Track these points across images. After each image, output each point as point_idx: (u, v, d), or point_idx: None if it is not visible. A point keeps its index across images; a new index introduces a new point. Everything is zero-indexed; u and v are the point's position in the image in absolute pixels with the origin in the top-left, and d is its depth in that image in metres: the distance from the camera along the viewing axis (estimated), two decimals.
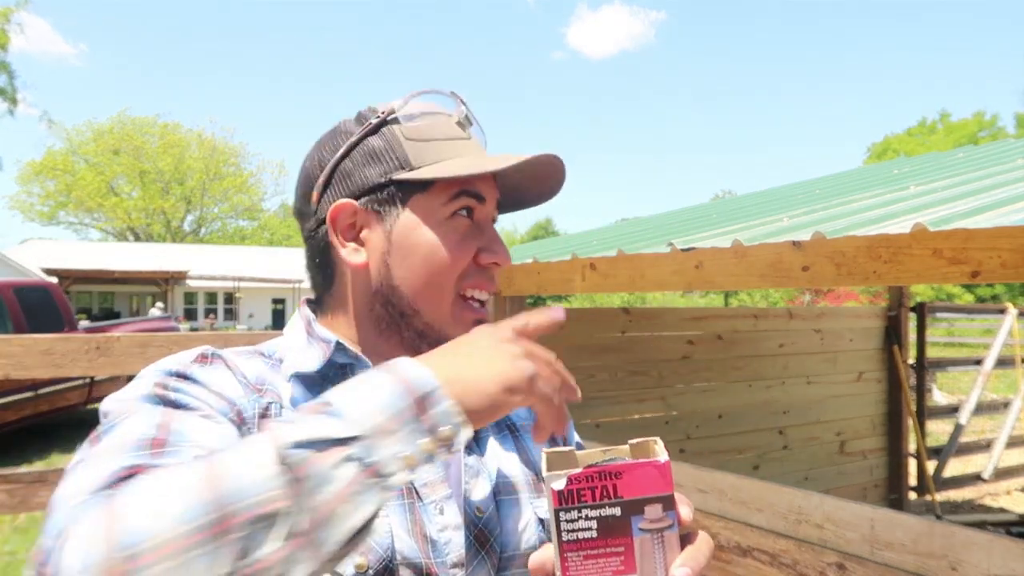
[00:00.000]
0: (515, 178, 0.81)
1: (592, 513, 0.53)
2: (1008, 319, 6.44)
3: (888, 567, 1.74)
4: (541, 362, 0.59)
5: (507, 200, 0.85)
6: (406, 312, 0.77)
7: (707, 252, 2.16)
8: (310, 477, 0.45)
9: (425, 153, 0.76)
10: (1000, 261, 1.52)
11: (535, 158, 0.75)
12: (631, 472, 0.53)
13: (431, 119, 0.78)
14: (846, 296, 19.26)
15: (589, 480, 0.53)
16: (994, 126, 36.06)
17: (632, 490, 0.53)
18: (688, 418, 4.29)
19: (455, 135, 0.79)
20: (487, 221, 0.79)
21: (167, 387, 0.64)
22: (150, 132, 44.35)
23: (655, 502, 0.53)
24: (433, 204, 0.76)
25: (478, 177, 0.76)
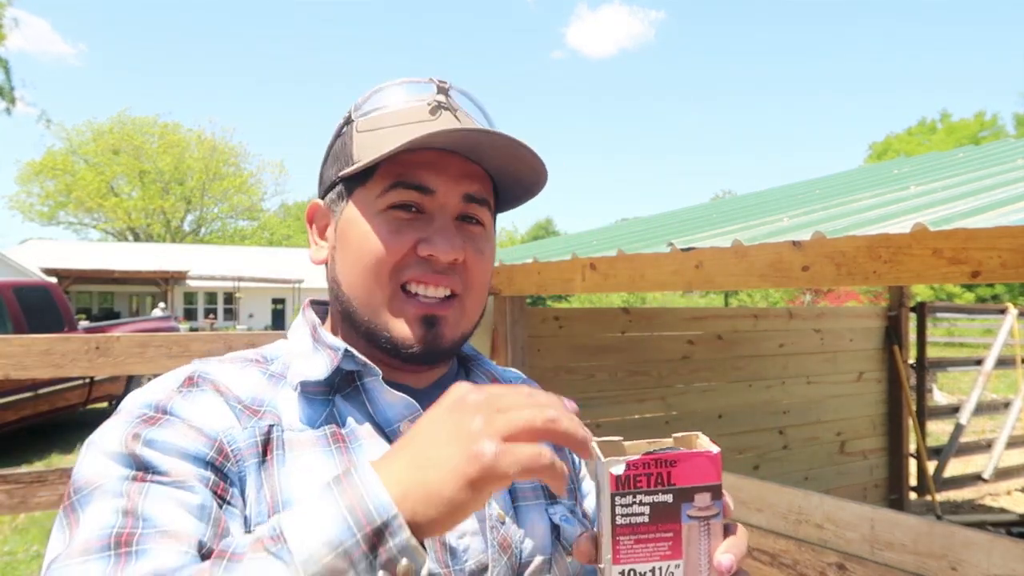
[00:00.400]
0: (499, 161, 0.75)
1: (646, 499, 0.54)
2: (1008, 319, 6.43)
3: (888, 567, 1.74)
4: (517, 428, 0.49)
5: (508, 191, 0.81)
6: (347, 309, 0.75)
7: (707, 252, 2.16)
8: None
9: (370, 145, 0.73)
10: (1000, 261, 1.52)
11: (452, 133, 0.68)
12: (686, 461, 0.55)
13: (388, 109, 0.75)
14: (846, 296, 19.26)
15: (646, 467, 0.54)
16: (995, 126, 36.06)
17: (685, 478, 0.55)
18: (688, 418, 4.29)
19: (414, 120, 0.73)
20: (440, 212, 0.73)
21: (140, 439, 0.61)
22: (150, 132, 44.35)
23: (705, 491, 0.55)
24: (370, 196, 0.73)
25: (421, 167, 0.71)
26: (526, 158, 0.74)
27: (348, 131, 0.77)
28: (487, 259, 0.78)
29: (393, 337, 0.72)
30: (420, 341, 0.72)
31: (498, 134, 0.70)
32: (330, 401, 0.72)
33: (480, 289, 0.77)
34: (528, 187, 0.80)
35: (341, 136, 0.78)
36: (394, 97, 0.77)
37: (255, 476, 0.64)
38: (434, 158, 0.72)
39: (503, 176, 0.78)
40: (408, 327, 0.72)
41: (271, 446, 0.67)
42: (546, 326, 3.70)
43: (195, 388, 0.68)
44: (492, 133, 0.70)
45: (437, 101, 0.76)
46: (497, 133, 0.70)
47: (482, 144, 0.72)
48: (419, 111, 0.74)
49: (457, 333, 0.75)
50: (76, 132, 43.13)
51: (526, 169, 0.76)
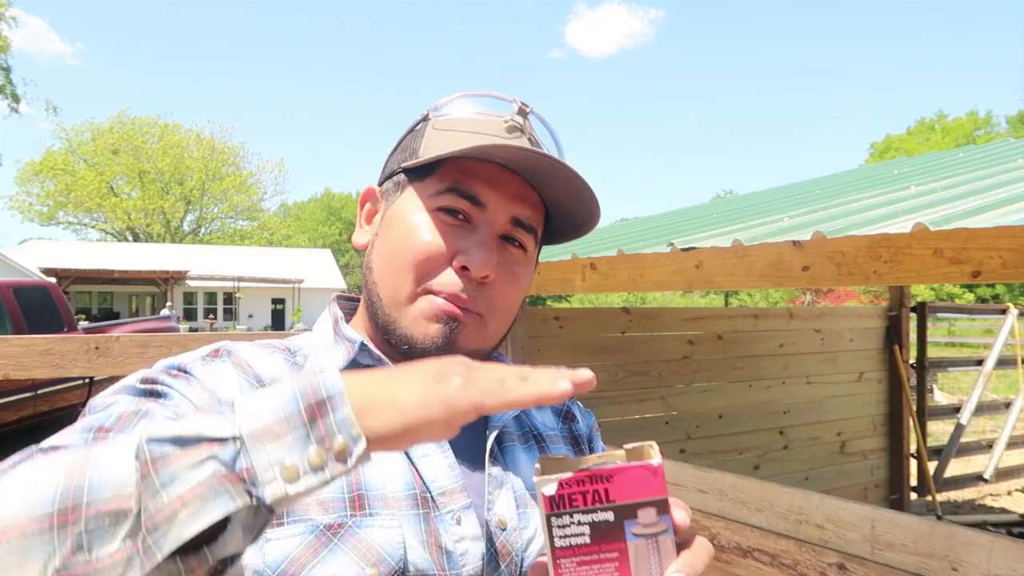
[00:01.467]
0: (557, 194, 0.75)
1: (584, 518, 0.51)
2: (1009, 319, 6.43)
3: (889, 567, 1.74)
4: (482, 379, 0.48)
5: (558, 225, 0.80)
6: (372, 298, 0.75)
7: (707, 252, 2.15)
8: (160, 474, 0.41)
9: (438, 144, 0.74)
10: (1001, 261, 1.52)
11: (517, 151, 0.68)
12: (623, 475, 0.51)
13: (466, 117, 0.76)
14: (847, 296, 19.26)
15: (580, 484, 0.51)
16: (989, 124, 36.06)
17: (624, 494, 0.51)
18: (688, 418, 4.29)
19: (488, 132, 0.74)
20: (485, 226, 0.72)
21: (157, 381, 0.64)
22: (150, 132, 44.38)
23: (648, 506, 0.51)
24: (425, 193, 0.73)
25: (480, 178, 0.72)
26: (584, 196, 0.73)
27: (422, 127, 0.78)
28: (520, 284, 0.76)
29: (408, 333, 0.72)
30: (435, 338, 0.71)
31: (562, 164, 0.70)
32: None
33: (506, 313, 0.76)
34: (577, 226, 0.79)
35: (414, 131, 0.79)
36: (477, 106, 0.77)
37: None
38: (495, 174, 0.72)
39: (557, 208, 0.77)
40: (426, 324, 0.71)
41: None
42: (546, 326, 3.69)
43: (217, 359, 0.70)
44: (555, 161, 0.70)
45: (515, 122, 0.75)
46: (561, 163, 0.70)
47: (543, 169, 0.71)
48: (495, 126, 0.75)
49: (471, 345, 0.73)
50: (76, 132, 43.16)
51: (581, 207, 0.76)
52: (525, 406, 0.48)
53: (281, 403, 0.45)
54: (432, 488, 0.69)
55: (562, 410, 0.90)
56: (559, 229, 0.81)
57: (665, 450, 3.00)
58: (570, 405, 0.93)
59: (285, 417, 0.45)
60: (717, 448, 4.40)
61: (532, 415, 0.85)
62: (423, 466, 0.69)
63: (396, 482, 0.68)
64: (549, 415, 0.88)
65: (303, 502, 0.63)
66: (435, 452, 0.70)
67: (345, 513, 0.64)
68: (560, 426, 0.88)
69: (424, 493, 0.68)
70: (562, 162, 0.70)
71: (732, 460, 4.43)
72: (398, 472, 0.68)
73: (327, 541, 0.63)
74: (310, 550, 0.62)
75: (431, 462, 0.70)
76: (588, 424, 0.93)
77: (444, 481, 0.69)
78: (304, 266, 32.80)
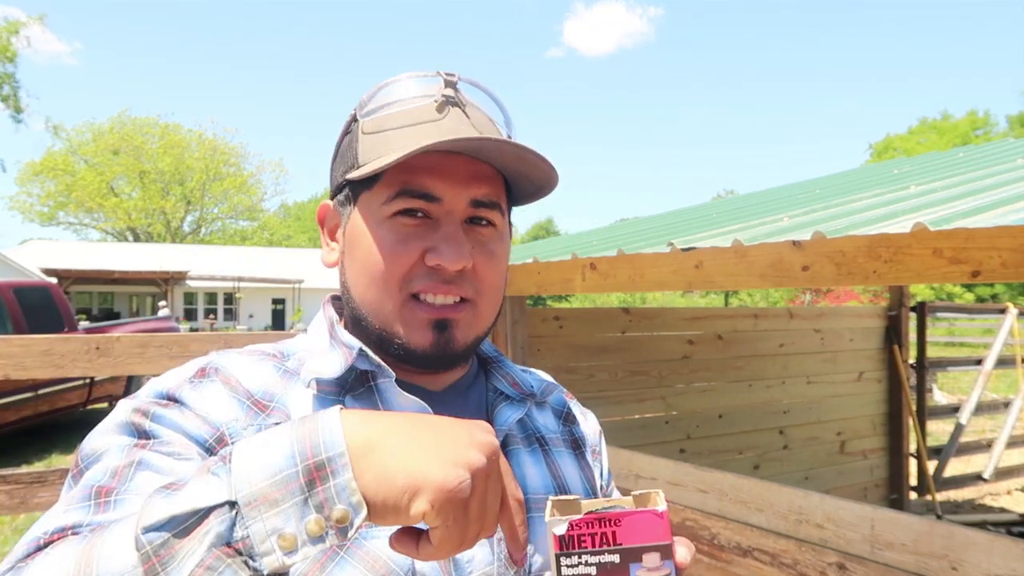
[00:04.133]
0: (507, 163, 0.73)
1: (592, 559, 0.54)
2: (1008, 319, 6.43)
3: (889, 567, 1.74)
4: (482, 484, 0.48)
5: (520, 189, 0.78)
6: (358, 315, 0.74)
7: (707, 252, 2.15)
8: (162, 566, 0.41)
9: (374, 148, 0.72)
10: (1000, 261, 1.52)
11: (454, 143, 0.67)
12: (630, 520, 0.54)
13: (394, 108, 0.73)
14: (846, 296, 19.25)
15: (589, 526, 0.54)
16: (987, 124, 36.03)
17: (631, 538, 0.54)
18: (688, 418, 4.29)
19: (420, 120, 0.71)
20: (447, 218, 0.71)
21: (148, 414, 0.64)
22: (150, 132, 44.36)
23: (653, 550, 0.54)
24: (375, 202, 0.71)
25: (426, 172, 0.69)
26: (533, 160, 0.72)
27: (354, 130, 0.75)
28: (499, 260, 0.75)
29: (405, 343, 0.71)
30: (432, 346, 0.71)
31: (503, 141, 0.68)
32: (340, 401, 0.71)
33: (493, 291, 0.75)
34: (540, 186, 0.77)
35: (348, 135, 0.77)
36: (400, 93, 0.74)
37: None
38: (439, 161, 0.70)
39: (513, 175, 0.76)
40: (420, 333, 0.71)
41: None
42: (546, 326, 3.69)
43: (205, 379, 0.69)
44: (496, 141, 0.68)
45: (445, 96, 0.73)
46: (501, 140, 0.68)
47: (486, 147, 0.70)
48: (426, 109, 0.72)
49: (470, 336, 0.73)
50: (76, 132, 43.15)
51: (535, 170, 0.74)
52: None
53: (278, 462, 0.44)
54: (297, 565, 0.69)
55: (562, 412, 0.90)
56: (521, 193, 0.79)
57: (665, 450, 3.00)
58: (569, 406, 0.92)
59: (283, 480, 0.43)
60: (717, 448, 4.40)
61: (534, 416, 0.84)
62: None
63: None
64: (550, 417, 0.87)
65: None
66: None
67: None
68: (561, 428, 0.87)
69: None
70: (502, 139, 0.68)
71: (732, 460, 4.43)
72: None
73: (333, 555, 0.62)
74: (317, 565, 0.62)
75: None
76: (592, 429, 0.93)
77: None
78: (304, 266, 32.76)
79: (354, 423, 0.47)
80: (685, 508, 2.22)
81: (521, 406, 0.79)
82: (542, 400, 0.84)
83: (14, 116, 17.62)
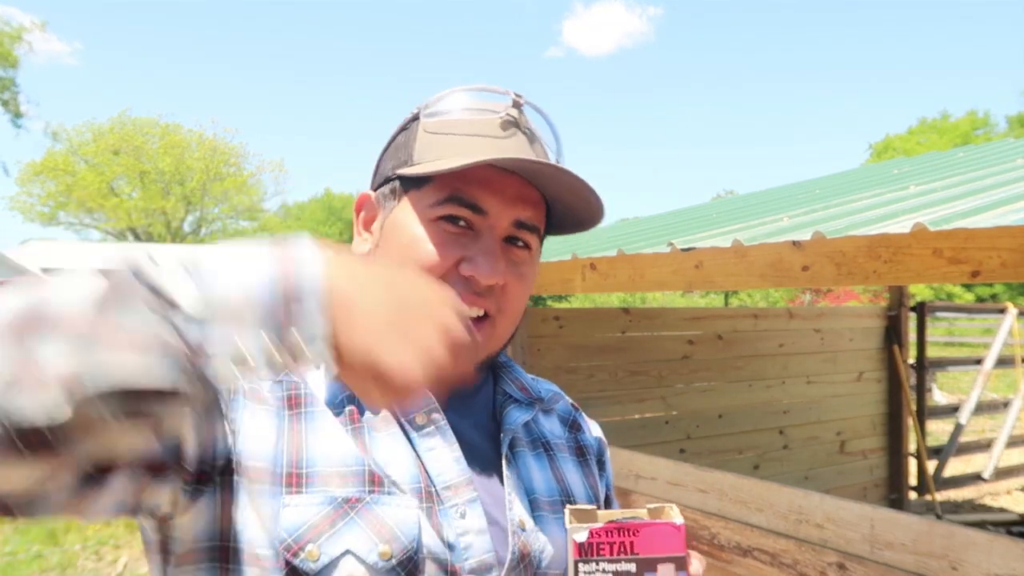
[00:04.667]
0: (558, 192, 0.75)
1: (609, 567, 0.56)
2: (1008, 318, 6.43)
3: (888, 567, 1.74)
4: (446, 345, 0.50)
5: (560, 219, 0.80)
6: None
7: (707, 252, 2.16)
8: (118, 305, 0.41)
9: (432, 149, 0.73)
10: (1000, 261, 1.52)
11: (518, 162, 0.69)
12: (648, 531, 0.56)
13: (460, 115, 0.74)
14: (846, 296, 19.25)
15: (608, 535, 0.56)
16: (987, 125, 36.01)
17: (647, 548, 0.56)
18: (688, 418, 4.29)
19: (483, 133, 0.73)
20: (488, 232, 0.72)
21: None
22: (151, 133, 44.36)
23: (668, 562, 0.56)
24: (423, 202, 0.72)
25: (479, 185, 0.71)
26: (585, 196, 0.73)
27: (413, 128, 0.76)
28: (527, 284, 0.76)
29: None
30: None
31: (563, 171, 0.70)
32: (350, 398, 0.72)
33: (514, 313, 0.75)
34: (580, 222, 0.79)
35: (406, 131, 0.77)
36: (467, 102, 0.75)
37: (276, 421, 0.66)
38: (493, 176, 0.71)
39: (558, 204, 0.77)
40: None
41: (297, 401, 0.68)
42: (546, 326, 3.70)
43: None
44: (558, 169, 0.69)
45: (510, 116, 0.74)
46: (563, 170, 0.70)
47: (544, 172, 0.71)
48: (490, 124, 0.73)
49: (483, 353, 0.74)
50: (76, 133, 43.16)
51: (583, 205, 0.75)
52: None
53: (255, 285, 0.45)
54: (437, 482, 0.69)
55: (568, 419, 0.91)
56: (561, 223, 0.80)
57: (665, 450, 3.01)
58: (576, 415, 0.93)
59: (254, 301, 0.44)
60: (717, 448, 4.40)
61: (540, 422, 0.85)
62: (429, 460, 0.70)
63: (402, 474, 0.68)
64: (556, 423, 0.88)
65: (321, 474, 0.65)
66: (441, 446, 0.71)
67: (364, 488, 0.65)
68: (567, 435, 0.88)
69: (429, 487, 0.68)
70: (563, 168, 0.70)
71: (732, 460, 4.43)
72: (404, 464, 0.69)
73: (344, 514, 0.64)
74: (327, 520, 0.63)
75: (437, 456, 0.70)
76: (597, 438, 0.93)
77: (450, 475, 0.70)
78: None
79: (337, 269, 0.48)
80: (685, 508, 2.23)
81: (529, 409, 0.80)
82: (549, 407, 0.86)
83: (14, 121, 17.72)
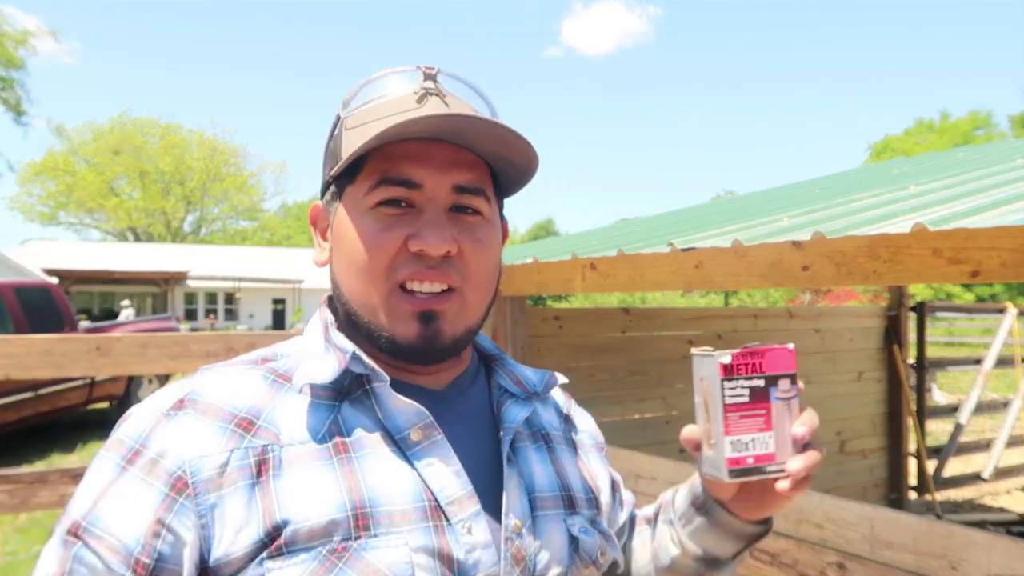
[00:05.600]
0: (490, 147, 0.72)
1: (745, 384, 0.71)
2: (1008, 318, 6.43)
3: (888, 567, 1.74)
4: None
5: (503, 179, 0.78)
6: (348, 310, 0.73)
7: (707, 252, 2.16)
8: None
9: (356, 140, 0.71)
10: (1000, 261, 1.52)
11: (427, 120, 0.66)
12: (771, 353, 0.71)
13: (376, 102, 0.73)
14: (846, 296, 19.24)
15: (743, 358, 0.71)
16: (988, 125, 35.96)
17: (771, 367, 0.71)
18: (688, 418, 4.19)
19: (399, 111, 0.70)
20: (429, 204, 0.70)
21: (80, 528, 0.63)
22: (151, 133, 44.36)
23: (786, 378, 0.72)
24: (358, 194, 0.71)
25: (406, 160, 0.69)
26: (513, 141, 0.70)
27: (339, 129, 0.76)
28: (488, 247, 0.74)
29: (391, 336, 0.70)
30: (419, 338, 0.70)
31: (479, 119, 0.67)
32: (335, 407, 0.70)
33: (482, 280, 0.73)
34: (522, 171, 0.76)
35: (333, 136, 0.77)
36: (381, 88, 0.74)
37: (244, 495, 0.63)
38: (418, 149, 0.69)
39: (495, 161, 0.74)
40: (405, 324, 0.70)
41: (266, 466, 0.65)
42: (546, 326, 3.70)
43: (180, 412, 0.67)
44: (471, 118, 0.67)
45: (424, 88, 0.72)
46: (477, 118, 0.67)
47: (463, 129, 0.68)
48: (406, 101, 0.72)
49: (459, 328, 0.72)
50: (77, 133, 43.16)
51: (516, 153, 0.72)
52: None
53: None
54: (441, 498, 0.67)
55: (562, 411, 0.91)
56: (508, 179, 0.78)
57: (665, 450, 3.00)
58: (569, 405, 0.93)
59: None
60: None
61: (540, 414, 0.85)
62: (429, 475, 0.68)
63: (404, 495, 0.66)
64: (554, 414, 0.88)
65: (300, 529, 0.62)
66: (439, 460, 0.69)
67: (350, 534, 0.63)
68: (563, 427, 0.88)
69: (434, 504, 0.67)
70: (478, 116, 0.67)
71: None
72: (406, 484, 0.67)
73: (332, 566, 0.61)
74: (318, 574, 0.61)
75: (436, 471, 0.68)
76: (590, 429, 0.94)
77: (452, 490, 0.68)
78: (304, 266, 32.73)
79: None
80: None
81: (527, 404, 0.79)
82: (544, 396, 0.84)
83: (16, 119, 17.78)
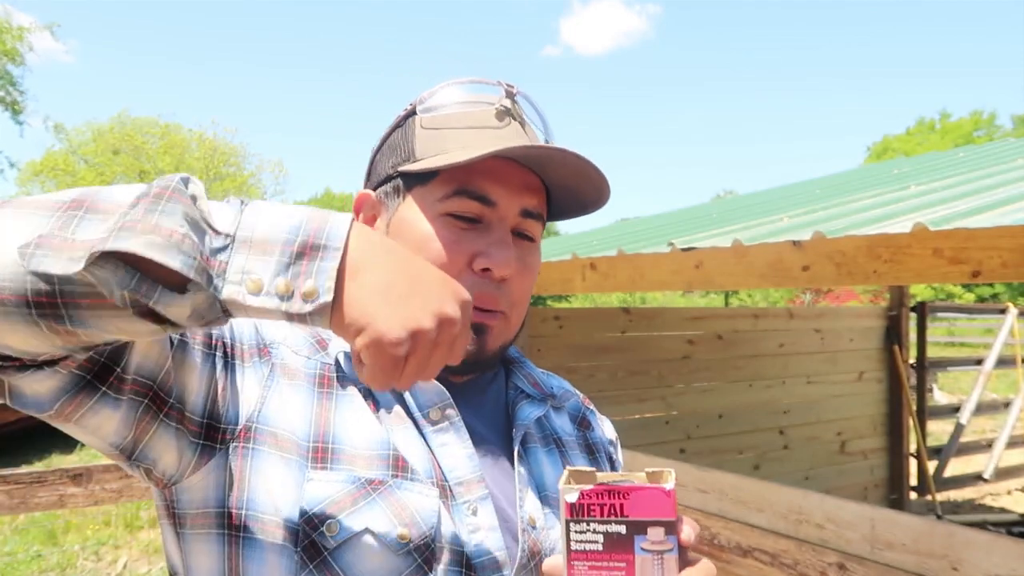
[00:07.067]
0: (563, 177, 0.74)
1: (600, 528, 0.57)
2: (1008, 319, 6.43)
3: (889, 567, 1.74)
4: (424, 349, 0.51)
5: (563, 204, 0.79)
6: None
7: (707, 252, 2.16)
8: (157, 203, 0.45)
9: (433, 143, 0.72)
10: (1001, 261, 1.52)
11: (528, 149, 0.68)
12: (638, 494, 0.57)
13: (456, 108, 0.74)
14: (846, 296, 19.25)
15: (599, 496, 0.57)
16: (991, 125, 35.95)
17: (637, 511, 0.57)
18: (688, 418, 4.29)
19: (481, 124, 0.73)
20: (499, 224, 0.71)
21: None
22: (150, 132, 44.38)
23: (658, 525, 0.57)
24: (430, 198, 0.72)
25: (485, 176, 0.70)
26: (592, 177, 0.73)
27: (410, 124, 0.76)
28: (532, 273, 0.76)
29: None
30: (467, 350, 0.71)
31: (572, 153, 0.69)
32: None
33: (524, 303, 0.76)
34: (586, 204, 0.78)
35: (402, 128, 0.77)
36: (461, 95, 0.75)
37: (307, 396, 0.69)
38: (497, 167, 0.71)
39: (562, 191, 0.76)
40: None
41: (330, 382, 0.70)
42: (546, 326, 3.70)
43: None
44: (566, 152, 0.69)
45: (504, 107, 0.74)
46: (571, 153, 0.69)
47: (553, 160, 0.71)
48: (485, 115, 0.73)
49: (498, 344, 0.74)
50: (76, 132, 43.18)
51: (589, 187, 0.75)
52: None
53: (284, 226, 0.49)
54: (450, 477, 0.69)
55: (578, 416, 0.90)
56: (562, 208, 0.80)
57: (665, 450, 3.01)
58: (586, 412, 0.92)
59: (280, 241, 0.48)
60: (717, 448, 4.40)
61: (552, 419, 0.85)
62: (442, 455, 0.70)
63: (418, 469, 0.68)
64: (567, 420, 0.88)
65: (347, 453, 0.66)
66: (454, 441, 0.71)
67: (388, 472, 0.66)
68: (576, 432, 0.88)
69: (442, 482, 0.68)
70: (570, 151, 0.69)
71: (732, 460, 4.43)
72: (419, 459, 0.69)
73: (366, 494, 0.65)
74: (349, 498, 0.64)
75: (450, 451, 0.70)
76: (608, 436, 0.93)
77: (462, 471, 0.70)
78: None
79: (359, 236, 0.51)
80: (685, 508, 2.23)
81: (541, 405, 0.81)
82: (559, 404, 0.86)
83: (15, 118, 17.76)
